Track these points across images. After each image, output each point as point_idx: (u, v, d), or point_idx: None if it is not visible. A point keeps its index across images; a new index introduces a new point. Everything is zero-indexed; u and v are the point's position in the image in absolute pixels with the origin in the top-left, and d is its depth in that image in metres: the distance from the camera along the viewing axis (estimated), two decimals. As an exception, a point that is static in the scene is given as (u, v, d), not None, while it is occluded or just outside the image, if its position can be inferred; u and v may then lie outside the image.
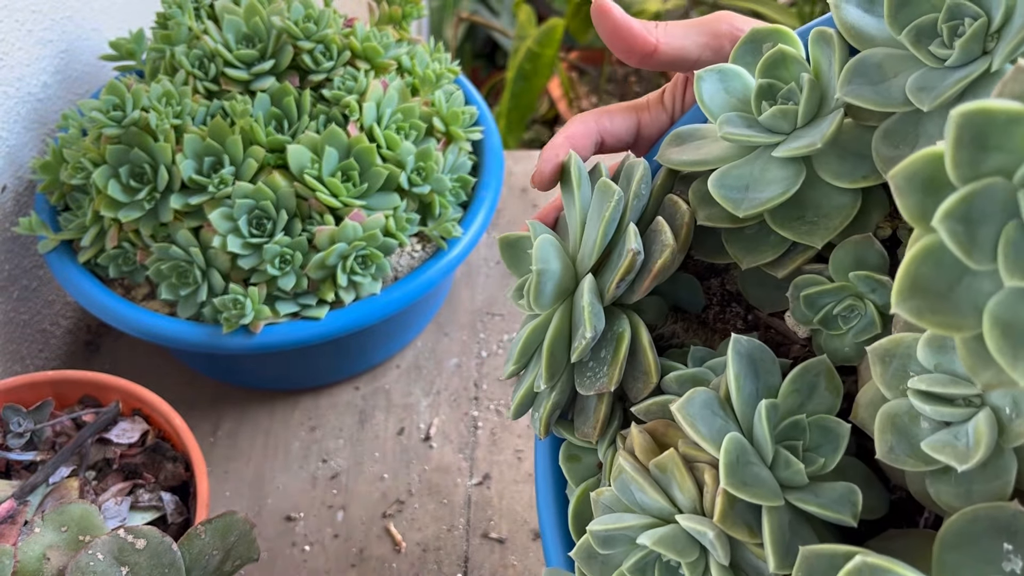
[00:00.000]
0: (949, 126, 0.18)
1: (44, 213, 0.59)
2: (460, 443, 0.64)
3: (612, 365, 0.32)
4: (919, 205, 0.20)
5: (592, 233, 0.33)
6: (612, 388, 0.32)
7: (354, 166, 0.55)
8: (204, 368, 0.67)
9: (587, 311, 0.31)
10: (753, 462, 0.27)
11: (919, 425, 0.25)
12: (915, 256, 0.20)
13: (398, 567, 0.58)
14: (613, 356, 0.32)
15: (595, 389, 0.32)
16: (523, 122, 1.41)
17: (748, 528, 0.26)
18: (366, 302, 0.56)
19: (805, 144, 0.29)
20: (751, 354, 0.29)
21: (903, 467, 0.25)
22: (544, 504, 0.37)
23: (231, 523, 0.43)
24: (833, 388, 0.29)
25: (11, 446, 0.50)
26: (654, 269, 0.32)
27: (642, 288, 0.32)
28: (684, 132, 0.35)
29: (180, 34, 0.59)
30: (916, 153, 0.20)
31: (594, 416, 0.33)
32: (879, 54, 0.29)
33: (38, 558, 0.41)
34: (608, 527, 0.29)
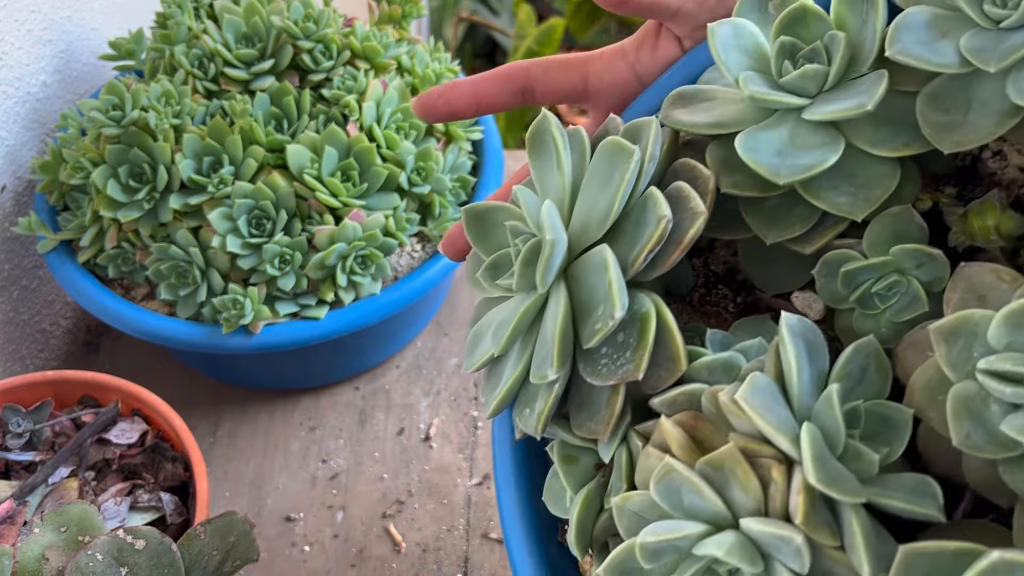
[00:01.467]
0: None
1: (43, 213, 0.59)
2: (460, 443, 0.64)
3: (638, 350, 0.27)
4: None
5: (602, 200, 0.29)
6: (640, 376, 0.27)
7: (354, 166, 0.55)
8: (204, 368, 0.67)
9: (615, 286, 0.27)
10: (828, 455, 0.24)
11: (990, 409, 0.23)
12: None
13: (398, 567, 0.58)
14: (639, 339, 0.28)
15: (616, 378, 0.28)
16: (523, 122, 1.41)
17: (830, 530, 0.23)
18: (366, 302, 0.56)
19: (853, 106, 0.27)
20: (804, 334, 0.25)
21: (981, 454, 0.23)
22: (509, 515, 0.33)
23: (231, 523, 0.43)
24: (882, 371, 0.26)
25: (10, 446, 0.50)
26: (683, 240, 0.28)
27: (668, 262, 0.28)
28: (687, 92, 0.32)
29: (180, 34, 0.59)
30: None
31: (607, 410, 0.29)
32: (926, 12, 0.27)
33: (37, 558, 0.41)
34: (662, 537, 0.24)
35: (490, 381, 0.32)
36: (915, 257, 0.28)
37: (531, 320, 0.30)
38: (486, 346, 0.32)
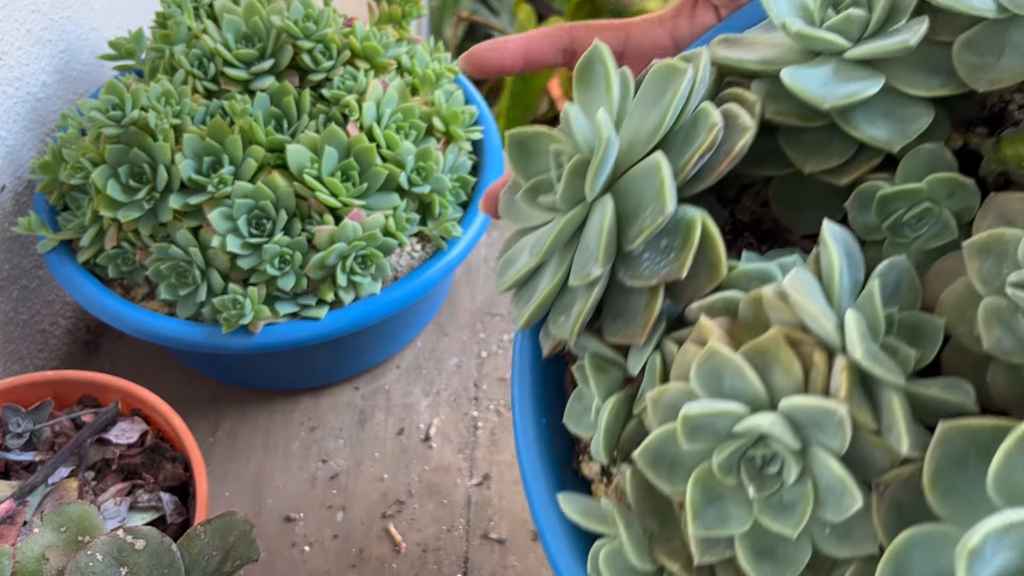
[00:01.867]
0: None
1: (43, 213, 0.59)
2: (460, 443, 0.64)
3: (683, 251, 0.28)
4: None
5: (652, 115, 0.30)
6: (683, 274, 0.28)
7: (354, 166, 0.55)
8: (203, 368, 0.67)
9: (667, 184, 0.28)
10: (870, 340, 0.25)
11: (1018, 320, 0.25)
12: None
13: (398, 567, 0.58)
14: (684, 241, 0.28)
15: (659, 277, 0.28)
16: (523, 122, 1.41)
17: (869, 412, 0.24)
18: (366, 302, 0.56)
19: (896, 42, 0.29)
20: (845, 242, 0.26)
21: (1010, 359, 0.24)
22: (524, 438, 0.33)
23: (231, 523, 0.43)
24: (913, 289, 0.27)
25: (10, 446, 0.50)
26: (732, 151, 0.29)
27: (716, 172, 0.29)
28: (732, 37, 0.34)
29: (179, 34, 0.59)
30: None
31: (644, 313, 0.29)
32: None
33: (37, 558, 0.41)
34: (706, 410, 0.24)
35: (522, 296, 0.33)
36: (947, 186, 0.29)
37: (574, 229, 0.31)
38: (520, 263, 0.33)
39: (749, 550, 0.25)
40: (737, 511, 0.25)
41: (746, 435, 0.25)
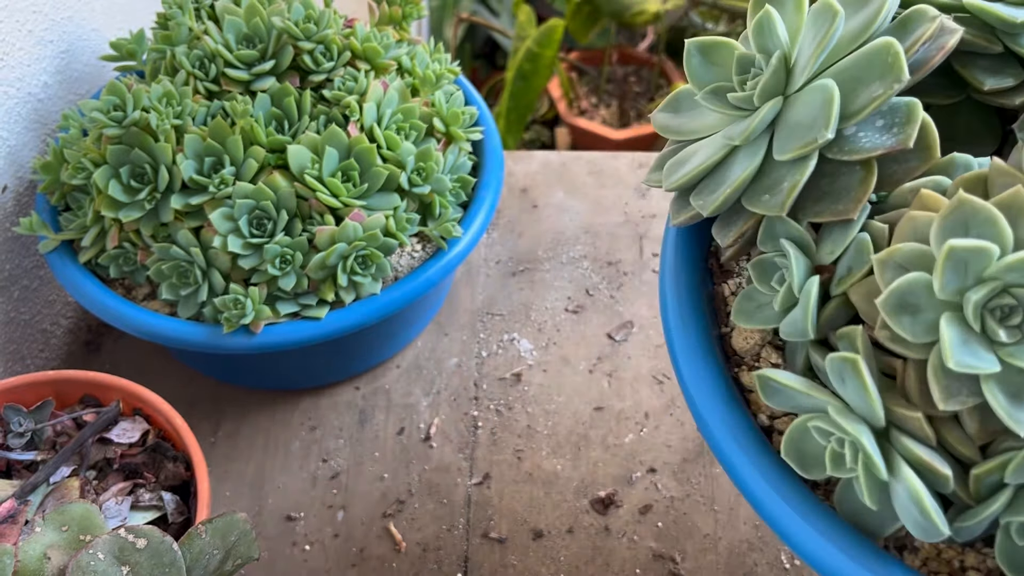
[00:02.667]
0: None
1: (45, 213, 0.60)
2: (460, 443, 0.64)
3: (908, 124, 0.30)
4: None
5: (857, 19, 0.32)
6: (911, 144, 0.30)
7: (354, 166, 0.55)
8: (204, 368, 0.67)
9: (901, 57, 0.30)
10: None
11: None
12: None
13: (398, 567, 0.58)
14: (907, 117, 0.30)
15: (884, 148, 0.30)
16: (523, 122, 1.41)
17: None
18: (366, 302, 0.57)
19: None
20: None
21: None
22: (686, 357, 0.34)
23: (231, 523, 0.43)
24: None
25: (12, 446, 0.50)
26: (946, 46, 0.31)
27: (930, 63, 0.31)
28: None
29: (181, 34, 0.59)
30: None
31: (860, 188, 0.30)
32: None
33: (39, 558, 0.41)
34: (972, 245, 0.25)
35: (706, 187, 0.34)
36: None
37: (773, 116, 0.32)
38: (698, 160, 0.34)
39: (1001, 392, 0.26)
40: (987, 354, 0.26)
41: (999, 278, 0.25)
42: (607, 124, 1.69)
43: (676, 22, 1.75)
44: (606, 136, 1.60)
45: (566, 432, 0.64)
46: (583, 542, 0.59)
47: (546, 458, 0.63)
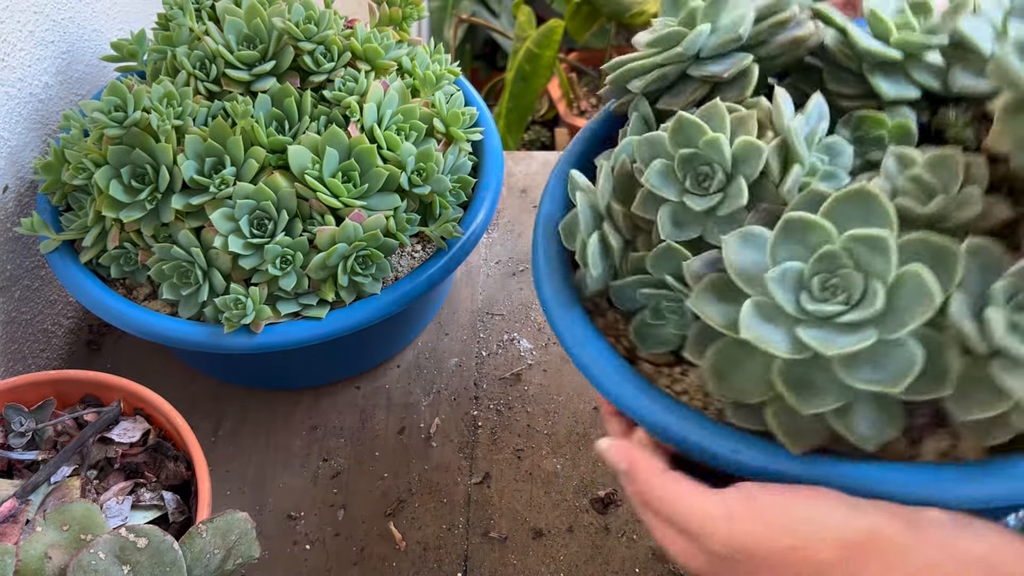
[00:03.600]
0: None
1: (46, 213, 0.60)
2: (460, 442, 0.64)
3: (736, 67, 0.44)
4: None
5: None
6: (726, 76, 0.45)
7: (355, 167, 0.55)
8: (205, 368, 0.67)
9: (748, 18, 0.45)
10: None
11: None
12: None
13: (398, 566, 0.58)
14: (738, 64, 0.44)
15: (718, 72, 0.45)
16: (523, 123, 1.41)
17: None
18: (367, 302, 0.57)
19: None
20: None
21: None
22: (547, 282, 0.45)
23: (232, 522, 0.43)
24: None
25: (13, 445, 0.50)
26: (794, 36, 0.45)
27: (778, 43, 0.45)
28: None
29: (181, 35, 0.59)
30: None
31: (694, 93, 0.46)
32: None
33: (40, 557, 0.41)
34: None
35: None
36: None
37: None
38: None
39: (667, 217, 0.42)
40: (673, 187, 0.42)
41: (698, 148, 0.41)
42: (607, 124, 1.69)
43: (676, 23, 1.74)
44: (606, 136, 1.59)
45: (566, 431, 0.65)
46: (583, 541, 0.59)
47: (546, 457, 0.63)
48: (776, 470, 0.35)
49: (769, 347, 0.33)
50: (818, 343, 0.33)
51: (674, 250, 0.40)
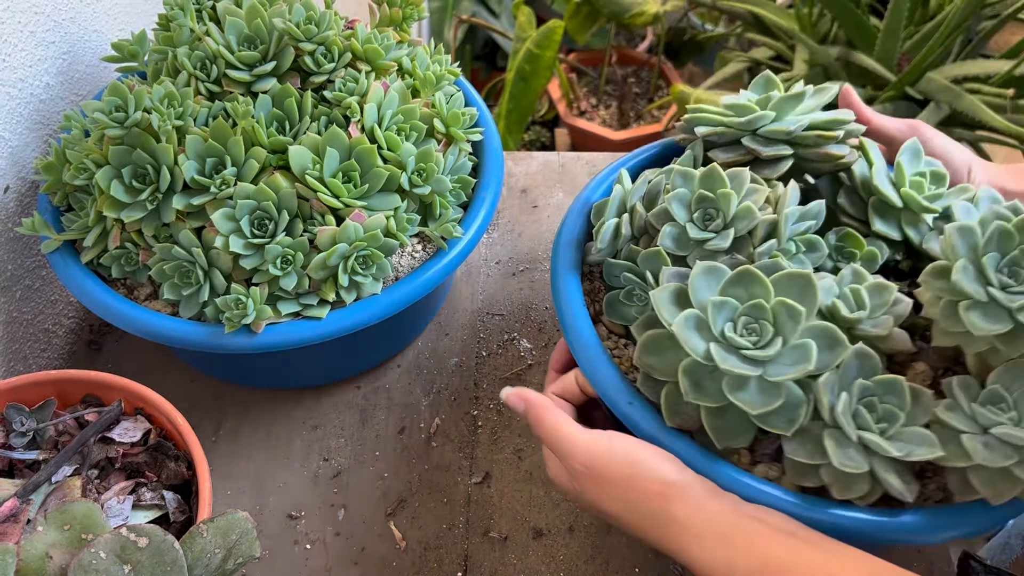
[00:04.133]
0: None
1: (47, 213, 0.60)
2: (461, 442, 0.65)
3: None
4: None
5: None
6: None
7: (355, 167, 0.56)
8: (206, 368, 0.68)
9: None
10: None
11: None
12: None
13: (399, 565, 0.58)
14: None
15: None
16: (523, 123, 1.42)
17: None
18: (367, 302, 0.57)
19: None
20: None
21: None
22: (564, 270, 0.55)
23: (233, 521, 0.43)
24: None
25: (14, 445, 0.51)
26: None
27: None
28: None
29: (182, 36, 0.59)
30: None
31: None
32: None
33: (41, 556, 0.41)
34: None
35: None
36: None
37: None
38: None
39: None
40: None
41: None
42: (606, 125, 1.69)
43: (675, 23, 1.75)
44: (606, 137, 1.60)
45: (566, 432, 0.65)
46: (583, 541, 0.59)
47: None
48: (648, 430, 0.47)
49: (688, 347, 0.44)
50: (720, 359, 0.43)
51: (662, 256, 0.51)
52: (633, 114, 1.72)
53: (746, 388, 0.44)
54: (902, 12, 1.24)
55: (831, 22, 1.41)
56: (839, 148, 0.54)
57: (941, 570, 0.57)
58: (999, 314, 0.43)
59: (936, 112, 1.25)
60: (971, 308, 0.44)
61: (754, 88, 0.57)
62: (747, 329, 0.45)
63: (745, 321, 0.45)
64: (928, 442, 0.44)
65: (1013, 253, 0.44)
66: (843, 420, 0.44)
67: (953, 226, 0.45)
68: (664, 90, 1.75)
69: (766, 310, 0.45)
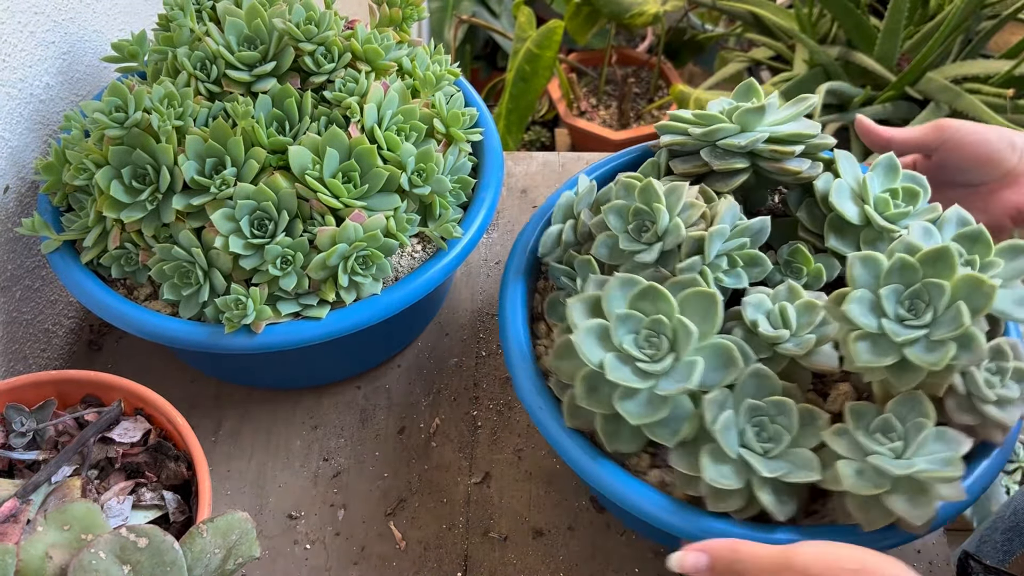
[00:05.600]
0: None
1: (47, 214, 0.60)
2: (460, 442, 0.65)
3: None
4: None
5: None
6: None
7: (355, 167, 0.56)
8: (206, 368, 0.68)
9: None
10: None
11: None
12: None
13: (399, 565, 0.58)
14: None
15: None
16: (523, 123, 1.42)
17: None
18: (367, 302, 0.57)
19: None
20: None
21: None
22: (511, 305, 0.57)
23: (233, 522, 0.43)
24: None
25: (14, 445, 0.51)
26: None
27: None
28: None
29: (182, 36, 0.59)
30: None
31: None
32: None
33: (40, 557, 0.41)
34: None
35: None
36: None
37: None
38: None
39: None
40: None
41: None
42: (606, 125, 1.69)
43: (675, 23, 1.75)
44: (606, 137, 1.60)
45: (566, 432, 0.65)
46: (583, 540, 0.59)
47: (545, 457, 0.63)
48: (551, 431, 0.50)
49: (584, 356, 0.46)
50: (611, 370, 0.45)
51: (592, 264, 0.53)
52: (633, 114, 1.72)
53: (635, 399, 0.46)
54: (902, 12, 1.24)
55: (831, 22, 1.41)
56: (797, 163, 0.53)
57: (941, 570, 0.57)
58: (887, 348, 0.43)
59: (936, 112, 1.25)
60: (859, 339, 0.44)
61: (735, 96, 0.57)
62: (648, 342, 0.46)
63: (647, 335, 0.46)
64: (809, 465, 0.45)
65: (915, 287, 0.44)
66: (720, 436, 0.45)
67: (856, 255, 0.45)
68: (664, 90, 1.76)
69: (667, 326, 0.46)
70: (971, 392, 0.45)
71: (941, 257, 0.44)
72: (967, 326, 0.42)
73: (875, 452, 0.44)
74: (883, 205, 0.52)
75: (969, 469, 0.46)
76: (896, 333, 0.43)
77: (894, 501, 0.43)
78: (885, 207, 0.52)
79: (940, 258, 0.44)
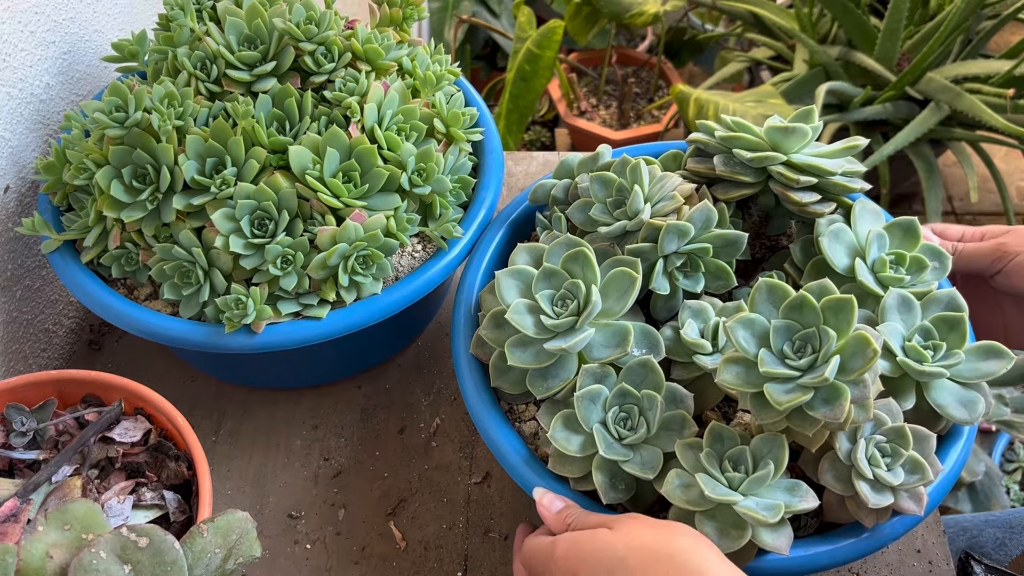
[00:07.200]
0: None
1: (47, 213, 0.60)
2: (460, 442, 0.65)
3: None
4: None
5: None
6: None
7: (355, 167, 0.56)
8: (206, 367, 0.68)
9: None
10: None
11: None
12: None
13: (399, 565, 0.58)
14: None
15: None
16: (523, 123, 1.42)
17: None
18: (367, 302, 0.57)
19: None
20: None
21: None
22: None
23: (233, 521, 0.43)
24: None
25: (14, 445, 0.51)
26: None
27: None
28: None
29: (182, 36, 0.59)
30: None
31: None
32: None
33: (41, 557, 0.41)
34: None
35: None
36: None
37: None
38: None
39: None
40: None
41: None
42: (607, 125, 1.69)
43: (675, 23, 1.75)
44: (606, 136, 1.60)
45: (566, 431, 0.65)
46: (583, 541, 0.59)
47: (546, 457, 0.63)
48: (460, 355, 0.54)
49: (500, 295, 0.50)
50: (513, 312, 0.48)
51: (562, 222, 0.56)
52: (633, 114, 1.72)
53: (526, 348, 0.48)
54: (902, 12, 1.24)
55: (831, 22, 1.41)
56: (805, 195, 0.52)
57: (941, 570, 0.57)
58: (753, 377, 0.43)
59: (936, 112, 1.25)
60: (733, 361, 0.44)
61: (793, 118, 0.55)
62: (562, 301, 0.49)
63: (563, 295, 0.49)
64: (650, 463, 0.46)
65: (809, 330, 0.44)
66: (579, 405, 0.47)
67: (766, 281, 0.45)
68: (664, 90, 1.76)
69: (581, 292, 0.48)
70: (850, 461, 0.44)
71: (843, 308, 0.43)
72: (829, 379, 0.41)
73: (708, 472, 0.44)
74: (880, 266, 0.51)
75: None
76: (765, 364, 0.43)
77: (702, 523, 0.44)
78: (882, 268, 0.51)
79: (842, 309, 0.43)
